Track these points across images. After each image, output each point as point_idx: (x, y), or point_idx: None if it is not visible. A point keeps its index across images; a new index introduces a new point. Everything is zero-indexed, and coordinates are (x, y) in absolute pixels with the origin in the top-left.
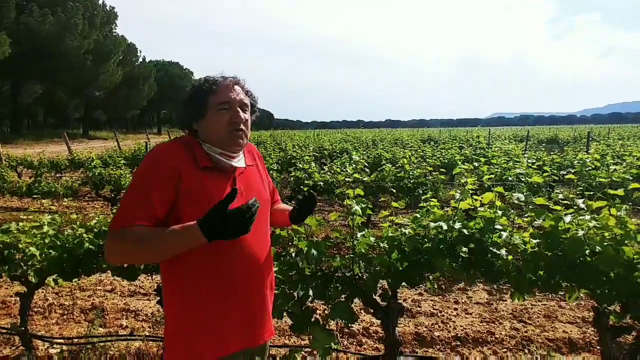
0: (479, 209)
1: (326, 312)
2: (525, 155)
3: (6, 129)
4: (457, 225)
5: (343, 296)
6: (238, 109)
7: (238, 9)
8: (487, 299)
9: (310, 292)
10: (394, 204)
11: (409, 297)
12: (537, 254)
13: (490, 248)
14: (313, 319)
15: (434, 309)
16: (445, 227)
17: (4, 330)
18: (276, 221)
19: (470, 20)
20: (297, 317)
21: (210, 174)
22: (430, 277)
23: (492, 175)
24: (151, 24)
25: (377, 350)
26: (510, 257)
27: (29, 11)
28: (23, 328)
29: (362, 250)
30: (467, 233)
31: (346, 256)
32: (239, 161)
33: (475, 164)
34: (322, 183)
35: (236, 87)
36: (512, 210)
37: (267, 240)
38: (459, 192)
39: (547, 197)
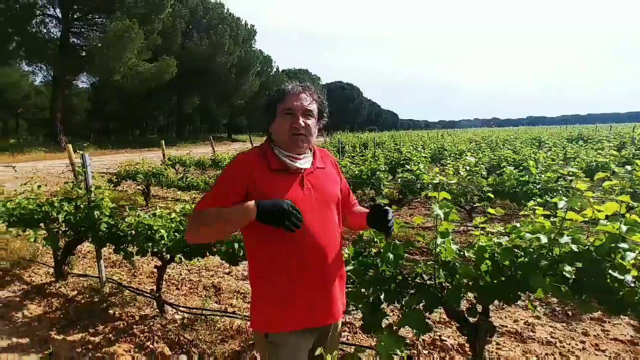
0: (601, 222)
1: (399, 317)
2: None
3: (172, 134)
4: (564, 239)
5: (420, 305)
6: (300, 115)
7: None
8: (631, 336)
9: (382, 295)
10: (490, 210)
11: (521, 319)
12: None
13: (610, 271)
14: (384, 324)
15: (552, 337)
16: (544, 240)
17: (147, 294)
18: (352, 224)
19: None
20: (366, 318)
21: (280, 175)
22: (531, 296)
23: None
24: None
25: None
26: None
27: (190, 37)
28: (158, 294)
29: (449, 258)
30: (576, 250)
31: (429, 263)
32: (305, 163)
33: (628, 167)
34: (431, 186)
35: (302, 95)
36: None
37: (333, 232)
38: (565, 199)
39: None
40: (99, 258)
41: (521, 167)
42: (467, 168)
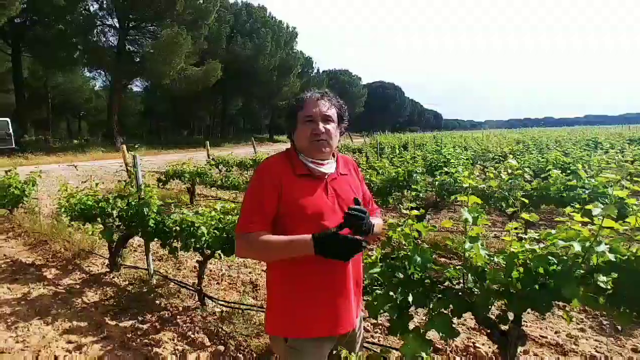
0: None
1: (426, 321)
2: None
3: (217, 135)
4: (601, 247)
5: (448, 310)
6: (320, 121)
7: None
8: None
9: (410, 298)
10: (524, 216)
11: (563, 330)
12: None
13: None
14: (412, 327)
15: (596, 351)
16: (577, 248)
17: (189, 287)
18: None
19: None
20: (393, 321)
21: (305, 180)
22: (566, 307)
23: None
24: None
25: None
26: None
27: (235, 41)
28: (199, 288)
29: (479, 263)
30: (614, 259)
31: (457, 267)
32: (329, 168)
33: None
34: (471, 189)
35: (320, 101)
36: None
37: None
38: (602, 205)
39: None
40: (148, 252)
41: (569, 171)
42: (509, 171)
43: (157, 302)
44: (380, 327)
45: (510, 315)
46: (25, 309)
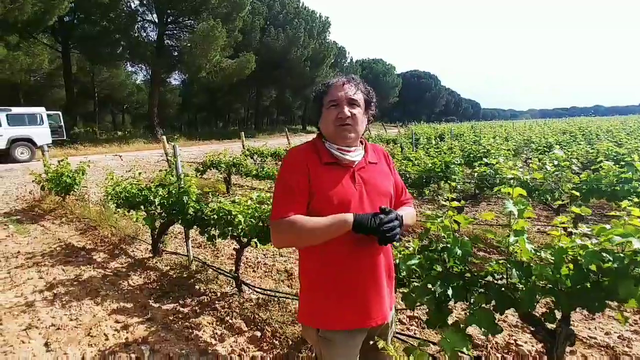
0: None
1: (466, 315)
2: None
3: (251, 126)
4: None
5: (490, 305)
6: (345, 105)
7: None
8: None
9: (450, 292)
10: (574, 209)
11: (615, 332)
12: None
13: None
14: (451, 321)
15: None
16: (637, 244)
17: (227, 274)
18: None
19: None
20: (431, 314)
21: (332, 168)
22: (621, 307)
23: None
24: (357, 25)
25: None
26: None
27: (268, 32)
28: (236, 275)
29: (524, 258)
30: None
31: (500, 261)
32: (356, 156)
33: None
34: (512, 180)
35: (346, 85)
36: None
37: None
38: None
39: None
40: (187, 239)
41: (623, 162)
42: (555, 162)
43: (197, 287)
44: (417, 320)
45: (558, 314)
46: (78, 289)
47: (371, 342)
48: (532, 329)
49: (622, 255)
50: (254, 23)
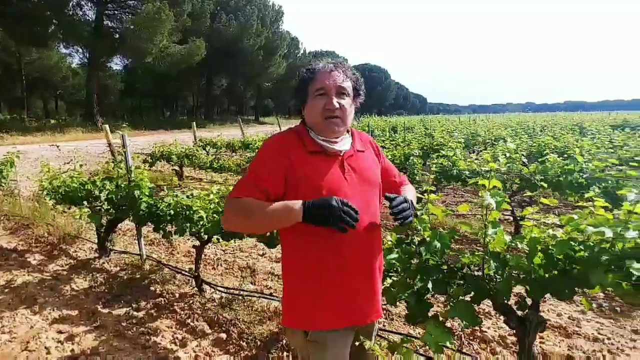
0: None
1: (446, 308)
2: None
3: (201, 116)
4: (632, 234)
5: (468, 296)
6: (333, 95)
7: None
8: None
9: (430, 285)
10: (543, 200)
11: (565, 313)
12: None
13: None
14: (431, 314)
15: (599, 333)
16: (609, 234)
17: (185, 273)
18: None
19: None
20: (411, 308)
21: (319, 157)
22: (588, 292)
23: None
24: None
25: None
26: None
27: (219, 18)
28: (196, 274)
29: (497, 249)
30: None
31: (476, 253)
32: (343, 145)
33: None
34: (467, 172)
35: (334, 72)
36: None
37: (376, 220)
38: (636, 191)
39: None
40: (140, 236)
41: (565, 155)
42: (507, 155)
43: (152, 288)
44: (396, 315)
45: (529, 301)
46: (10, 297)
47: (357, 343)
48: (504, 317)
49: (592, 244)
50: (203, 7)
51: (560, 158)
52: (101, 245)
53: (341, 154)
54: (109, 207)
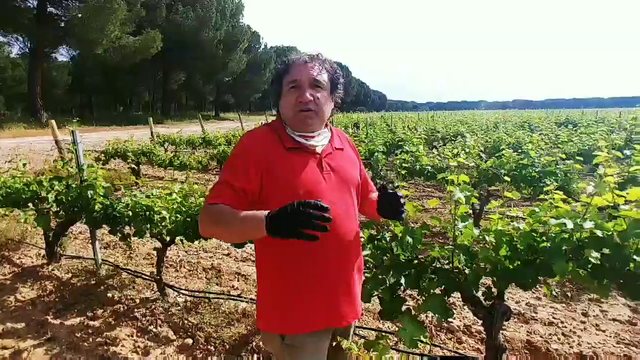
0: (621, 207)
1: (419, 302)
2: None
3: (157, 111)
4: (588, 224)
5: (439, 289)
6: (306, 87)
7: None
8: (629, 316)
9: (403, 280)
10: (507, 194)
11: (522, 300)
12: None
13: (635, 257)
14: (404, 308)
15: (553, 317)
16: (570, 225)
17: (146, 276)
18: (366, 211)
19: None
20: (386, 304)
21: (296, 154)
22: (548, 281)
23: None
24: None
25: (478, 352)
26: None
27: (175, 10)
28: (159, 277)
29: (465, 242)
30: (601, 235)
31: (446, 247)
32: (322, 140)
33: (627, 151)
34: (430, 167)
35: (309, 64)
36: None
37: (354, 222)
38: (592, 184)
39: None
40: (94, 239)
41: (520, 151)
42: (467, 150)
43: (109, 294)
44: (365, 310)
45: (494, 292)
46: None
47: (334, 344)
48: (472, 308)
49: (553, 235)
50: None
51: (515, 153)
52: (50, 250)
53: (319, 152)
54: (58, 209)
